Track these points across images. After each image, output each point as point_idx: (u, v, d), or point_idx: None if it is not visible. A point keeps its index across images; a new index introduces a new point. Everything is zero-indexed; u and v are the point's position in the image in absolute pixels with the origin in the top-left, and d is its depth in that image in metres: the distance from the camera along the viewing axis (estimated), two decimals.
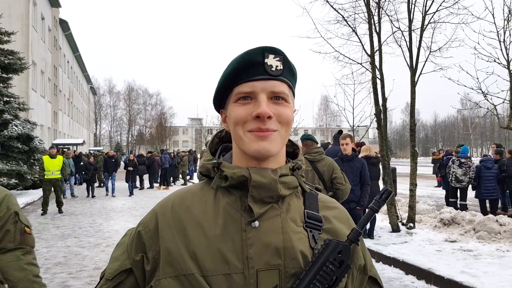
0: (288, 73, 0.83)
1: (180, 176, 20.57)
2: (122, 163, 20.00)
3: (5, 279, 1.90)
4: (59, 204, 11.01)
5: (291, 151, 0.94)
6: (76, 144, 29.07)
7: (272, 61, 0.79)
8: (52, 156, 11.04)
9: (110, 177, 15.01)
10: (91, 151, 28.69)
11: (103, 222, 9.51)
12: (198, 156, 24.83)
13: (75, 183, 16.98)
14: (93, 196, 14.41)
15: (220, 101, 0.88)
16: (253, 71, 0.79)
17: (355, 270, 0.86)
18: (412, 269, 5.27)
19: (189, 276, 0.74)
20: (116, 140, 64.52)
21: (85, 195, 15.07)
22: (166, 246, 0.77)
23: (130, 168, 15.52)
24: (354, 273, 0.85)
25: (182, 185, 19.48)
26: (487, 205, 9.04)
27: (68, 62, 37.45)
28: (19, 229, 1.91)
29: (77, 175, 18.68)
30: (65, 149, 18.65)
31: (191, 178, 21.93)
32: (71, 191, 14.78)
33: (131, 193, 15.13)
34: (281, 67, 0.80)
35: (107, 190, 15.29)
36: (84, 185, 17.02)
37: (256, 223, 0.77)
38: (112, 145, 60.66)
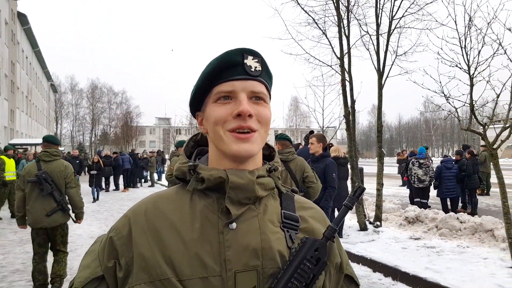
0: (266, 75, 0.84)
1: (148, 177, 20.14)
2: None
3: (71, 201, 4.54)
4: (13, 207, 10.27)
5: (267, 153, 0.94)
6: (35, 144, 27.70)
7: (251, 62, 0.80)
8: (10, 157, 10.46)
9: None
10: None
11: None
12: (167, 157, 24.41)
13: None
14: None
15: (197, 103, 0.87)
16: (233, 71, 0.79)
17: (332, 268, 0.87)
18: (380, 267, 5.41)
19: (164, 281, 0.73)
20: (79, 140, 62.16)
21: None
22: (140, 252, 0.76)
23: (94, 172, 13.90)
24: (331, 271, 0.86)
25: (149, 186, 19.05)
26: (448, 203, 9.50)
27: (26, 57, 35.65)
28: (75, 178, 4.57)
29: None
30: (20, 150, 17.53)
31: (159, 179, 21.50)
32: None
33: (95, 199, 13.59)
34: (260, 68, 0.81)
35: None
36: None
37: (234, 224, 0.77)
38: (74, 145, 58.43)
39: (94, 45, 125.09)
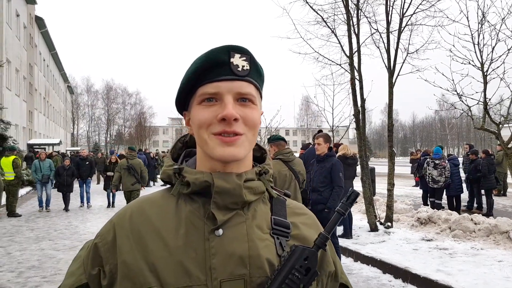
0: (255, 74, 0.79)
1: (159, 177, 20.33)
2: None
3: (142, 178, 9.10)
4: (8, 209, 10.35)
5: (259, 155, 0.90)
6: (53, 144, 28.30)
7: (238, 61, 0.75)
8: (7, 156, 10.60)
9: (84, 184, 12.12)
10: (68, 151, 27.88)
11: (79, 224, 9.29)
12: None
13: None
14: (67, 210, 11.37)
15: (183, 102, 0.83)
16: (218, 71, 0.75)
17: (325, 277, 0.83)
18: (389, 268, 5.33)
19: None
20: (94, 140, 63.18)
21: (60, 207, 11.81)
22: (124, 259, 0.73)
23: (111, 173, 11.76)
24: (323, 280, 0.83)
25: (162, 185, 19.24)
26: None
27: (44, 60, 36.38)
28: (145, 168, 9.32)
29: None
30: (38, 150, 17.59)
31: None
32: (47, 203, 11.39)
33: (110, 204, 12.03)
34: (248, 67, 0.76)
35: (81, 200, 12.19)
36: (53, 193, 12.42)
37: (220, 231, 0.73)
38: (90, 145, 59.40)
39: (109, 46, 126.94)
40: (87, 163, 12.22)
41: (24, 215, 10.55)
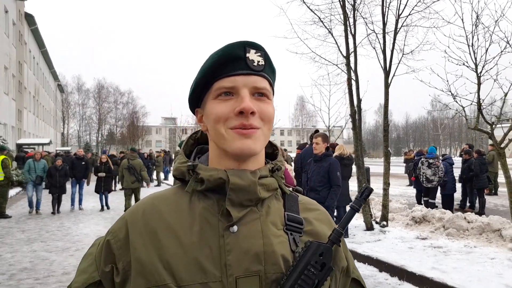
0: (269, 70, 0.80)
1: (155, 177, 20.21)
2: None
3: (143, 177, 10.04)
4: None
5: (270, 152, 0.91)
6: (43, 144, 27.98)
7: (253, 56, 0.76)
8: None
9: (78, 185, 11.59)
10: (58, 151, 27.56)
11: (71, 225, 9.18)
12: (173, 156, 24.49)
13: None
14: (58, 212, 10.87)
15: (197, 99, 0.83)
16: (235, 66, 0.75)
17: (338, 272, 0.84)
18: (386, 267, 5.38)
19: (162, 287, 0.70)
20: (85, 140, 62.57)
21: (49, 210, 11.12)
22: (138, 256, 0.73)
23: (102, 174, 11.44)
24: (337, 276, 0.83)
25: (155, 186, 19.14)
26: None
27: (34, 58, 35.91)
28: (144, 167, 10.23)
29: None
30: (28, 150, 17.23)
31: (166, 179, 21.58)
32: (37, 205, 10.94)
33: (103, 207, 11.46)
34: (263, 63, 0.77)
35: (72, 203, 11.55)
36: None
37: (235, 228, 0.74)
38: (81, 145, 58.82)
39: (101, 45, 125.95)
40: (82, 163, 11.72)
41: (14, 216, 10.41)
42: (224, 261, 0.71)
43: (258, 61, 0.76)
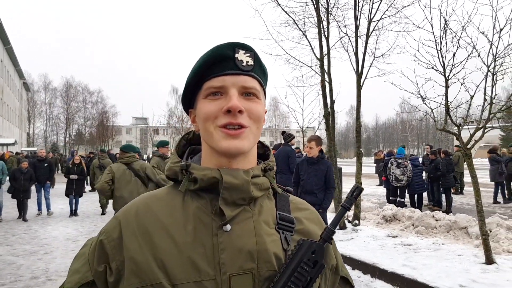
0: (259, 70, 0.81)
1: None
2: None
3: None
4: None
5: (262, 152, 0.92)
6: (7, 144, 26.79)
7: (242, 56, 0.78)
8: None
9: (42, 189, 10.59)
10: (24, 152, 26.42)
11: (39, 228, 8.85)
12: (145, 157, 23.99)
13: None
14: (24, 220, 9.80)
15: (189, 99, 0.84)
16: (224, 66, 0.77)
17: (328, 271, 0.86)
18: (359, 264, 5.50)
19: (157, 285, 0.70)
20: (52, 140, 60.32)
21: (14, 216, 10.28)
22: (132, 256, 0.73)
23: (74, 177, 10.48)
24: (326, 274, 0.85)
25: None
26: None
27: None
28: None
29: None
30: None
31: None
32: None
33: (73, 213, 10.44)
34: (252, 63, 0.79)
35: (39, 207, 10.70)
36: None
37: (228, 226, 0.75)
38: (48, 145, 56.68)
39: (69, 43, 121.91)
40: (45, 164, 10.70)
41: None
42: (218, 259, 0.72)
43: (247, 61, 0.78)
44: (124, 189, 4.97)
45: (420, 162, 10.86)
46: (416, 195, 9.97)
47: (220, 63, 0.77)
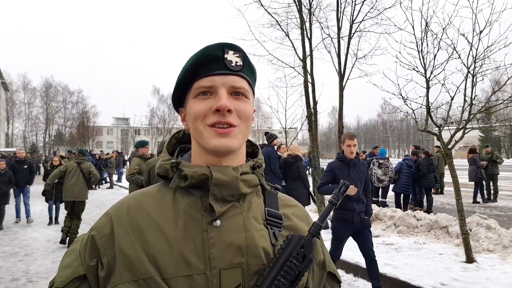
0: (248, 70, 0.83)
1: (108, 178, 19.44)
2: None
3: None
4: None
5: (251, 151, 0.94)
6: None
7: (232, 57, 0.80)
8: None
9: (22, 193, 9.58)
10: (2, 152, 25.62)
11: (19, 229, 8.65)
12: (126, 158, 23.65)
13: None
14: (0, 229, 8.66)
15: (180, 98, 0.86)
16: (213, 66, 0.79)
17: (315, 266, 0.88)
18: (341, 264, 5.52)
19: (148, 279, 0.72)
20: (32, 141, 58.88)
21: None
22: (124, 251, 0.74)
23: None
24: (314, 269, 0.87)
25: (108, 188, 18.37)
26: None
27: None
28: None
29: None
30: None
31: (119, 180, 20.78)
32: None
33: (52, 220, 9.31)
34: (241, 63, 0.81)
35: (18, 214, 9.62)
36: None
37: (218, 222, 0.76)
38: (27, 146, 55.27)
39: (49, 42, 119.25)
40: (25, 166, 9.60)
41: None
42: (208, 254, 0.74)
43: (236, 62, 0.80)
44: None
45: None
46: (402, 195, 10.05)
47: (210, 63, 0.79)
